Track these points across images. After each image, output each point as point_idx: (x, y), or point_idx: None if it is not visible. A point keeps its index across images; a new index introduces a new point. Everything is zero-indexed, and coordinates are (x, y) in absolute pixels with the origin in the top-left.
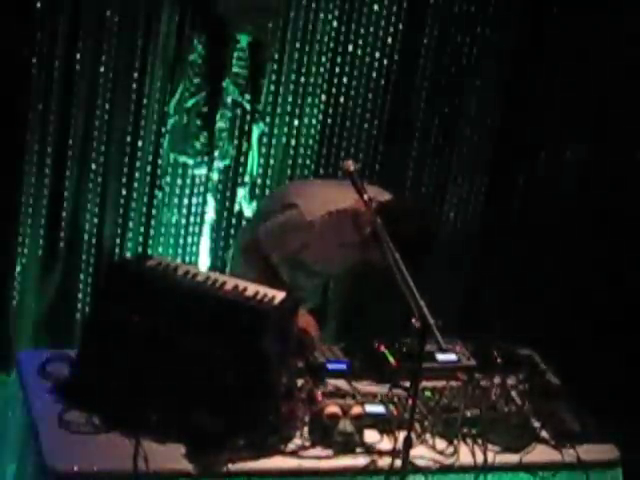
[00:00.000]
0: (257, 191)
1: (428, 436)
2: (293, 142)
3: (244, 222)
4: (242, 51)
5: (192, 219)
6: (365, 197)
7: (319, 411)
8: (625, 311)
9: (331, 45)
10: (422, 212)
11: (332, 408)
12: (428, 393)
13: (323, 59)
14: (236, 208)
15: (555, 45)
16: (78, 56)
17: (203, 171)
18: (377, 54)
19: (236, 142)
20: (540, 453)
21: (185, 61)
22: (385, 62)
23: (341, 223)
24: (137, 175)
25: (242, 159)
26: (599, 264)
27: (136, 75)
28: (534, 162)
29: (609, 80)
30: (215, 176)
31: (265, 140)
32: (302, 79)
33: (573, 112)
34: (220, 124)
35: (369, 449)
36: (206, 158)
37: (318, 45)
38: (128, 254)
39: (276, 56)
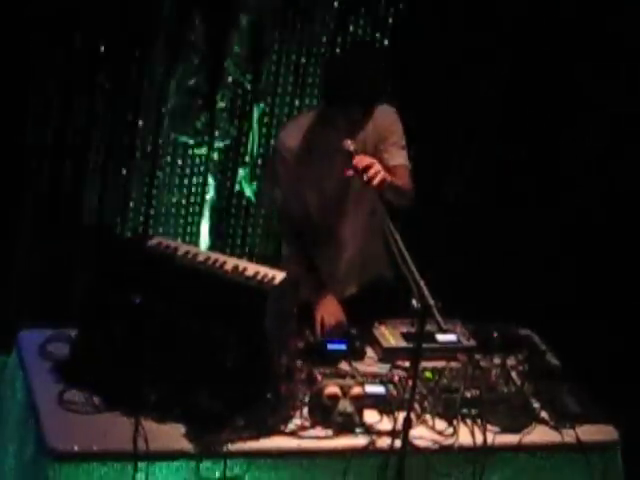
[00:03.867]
0: (257, 171)
1: (428, 416)
2: None
3: (244, 202)
4: (243, 31)
5: (192, 199)
6: (365, 178)
7: (319, 391)
8: (627, 292)
9: (331, 25)
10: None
11: (332, 388)
12: (428, 373)
13: (324, 39)
14: (236, 188)
15: (562, 38)
16: (78, 36)
17: (203, 151)
18: (377, 34)
19: (236, 122)
20: (539, 434)
21: (186, 41)
22: (386, 42)
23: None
24: (137, 155)
25: (243, 139)
26: (601, 245)
27: (137, 54)
28: (533, 143)
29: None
30: (215, 156)
31: (266, 120)
32: (302, 59)
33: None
34: (221, 104)
35: (369, 429)
36: (206, 138)
37: (319, 25)
38: (128, 234)
39: (277, 36)
